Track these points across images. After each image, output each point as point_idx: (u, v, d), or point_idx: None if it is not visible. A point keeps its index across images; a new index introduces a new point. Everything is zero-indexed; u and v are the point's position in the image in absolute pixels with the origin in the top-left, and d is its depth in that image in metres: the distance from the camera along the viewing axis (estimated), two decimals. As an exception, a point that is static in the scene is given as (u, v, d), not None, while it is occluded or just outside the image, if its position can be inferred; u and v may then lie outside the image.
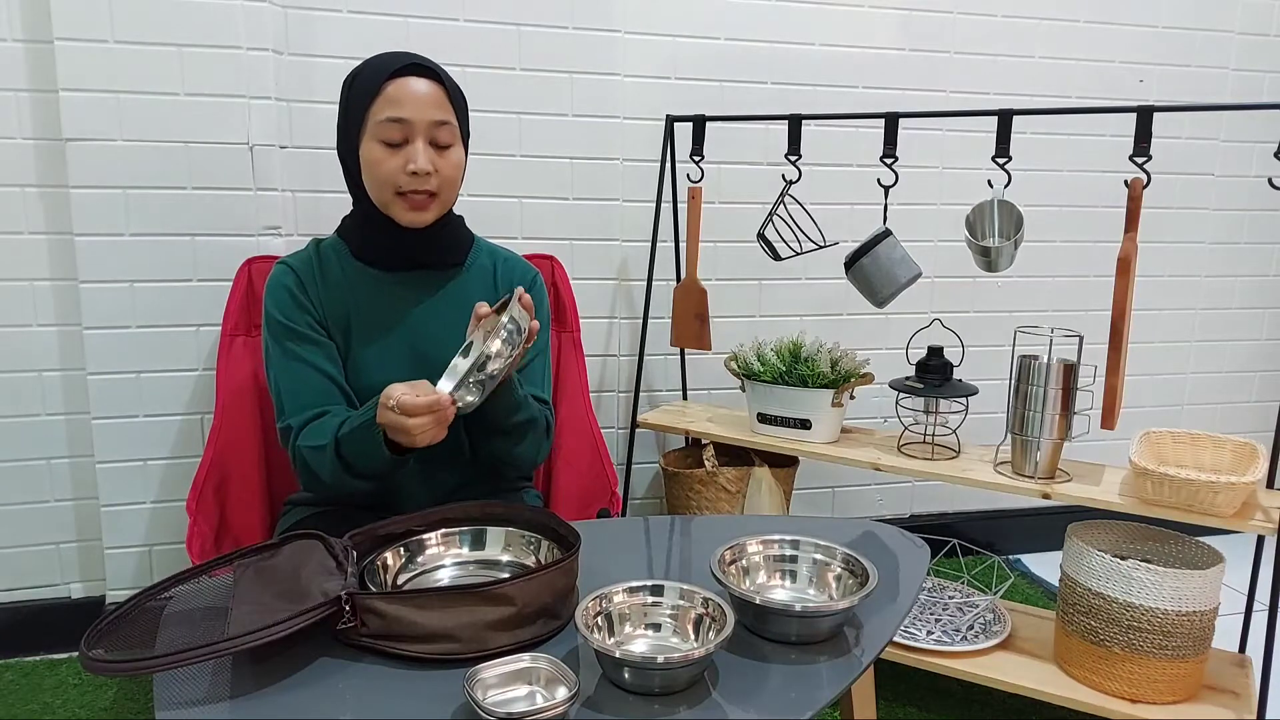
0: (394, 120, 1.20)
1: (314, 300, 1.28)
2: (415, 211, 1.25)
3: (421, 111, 1.21)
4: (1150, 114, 1.45)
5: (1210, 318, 2.47)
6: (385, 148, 1.22)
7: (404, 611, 0.89)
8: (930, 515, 2.41)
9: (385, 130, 1.21)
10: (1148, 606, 1.44)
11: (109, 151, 1.67)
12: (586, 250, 2.04)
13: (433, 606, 0.89)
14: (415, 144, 1.21)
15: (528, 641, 0.91)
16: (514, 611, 0.90)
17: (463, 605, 0.89)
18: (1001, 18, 2.17)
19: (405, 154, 1.21)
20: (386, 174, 1.22)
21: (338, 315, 1.29)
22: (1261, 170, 2.40)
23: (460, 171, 1.28)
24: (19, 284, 1.76)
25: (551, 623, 0.94)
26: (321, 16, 1.79)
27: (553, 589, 0.93)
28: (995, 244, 1.57)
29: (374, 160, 1.22)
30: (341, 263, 1.31)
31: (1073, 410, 1.55)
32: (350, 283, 1.30)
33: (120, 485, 1.79)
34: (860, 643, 0.96)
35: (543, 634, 0.93)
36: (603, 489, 1.63)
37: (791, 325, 2.20)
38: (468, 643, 0.89)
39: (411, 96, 1.20)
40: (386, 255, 1.30)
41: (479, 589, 0.89)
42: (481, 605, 0.89)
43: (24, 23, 1.67)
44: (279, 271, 1.30)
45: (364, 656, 0.91)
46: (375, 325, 1.29)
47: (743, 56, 2.06)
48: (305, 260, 1.31)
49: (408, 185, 1.22)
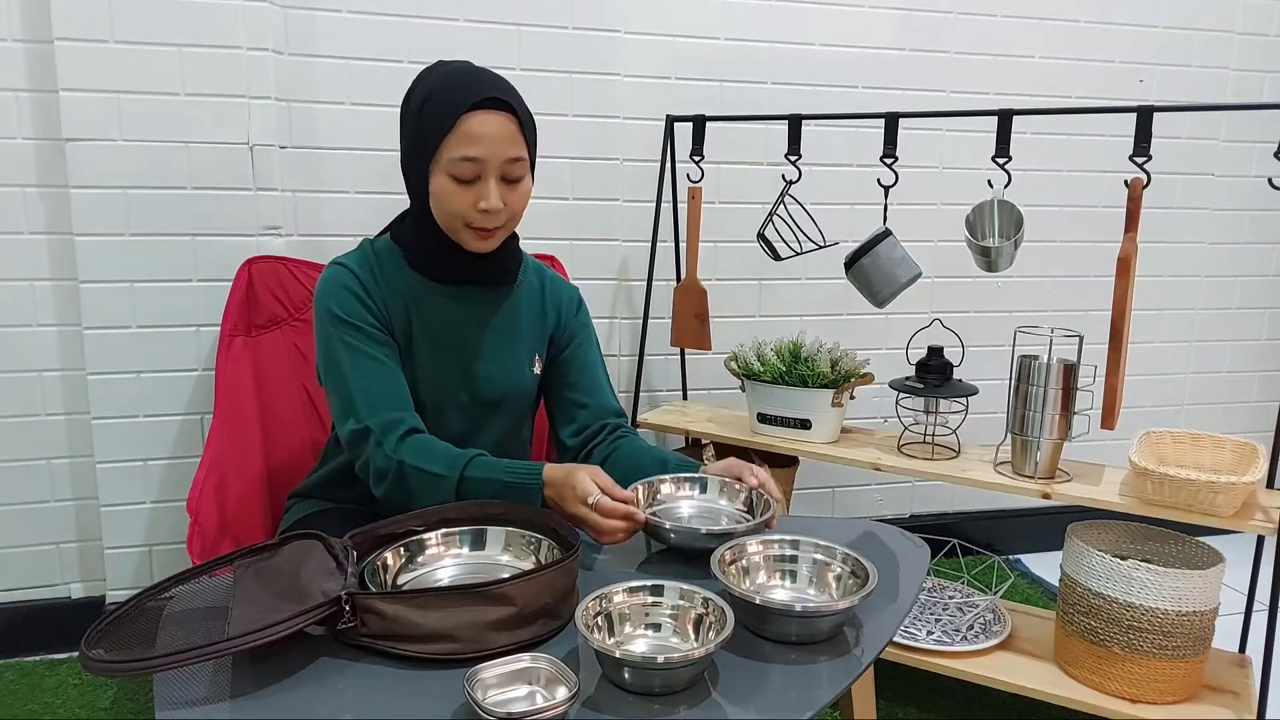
0: (469, 159, 1.17)
1: (376, 302, 1.25)
2: (482, 241, 1.23)
3: (497, 150, 1.18)
4: (1150, 114, 1.45)
5: (1210, 318, 2.47)
6: (457, 184, 1.18)
7: (404, 611, 0.89)
8: (930, 515, 2.41)
9: (459, 168, 1.17)
10: (1148, 606, 1.44)
11: (109, 151, 1.67)
12: (586, 250, 2.04)
13: (433, 607, 0.89)
14: (488, 182, 1.18)
15: (527, 642, 0.91)
16: (514, 612, 0.90)
17: (463, 605, 0.89)
18: (1001, 18, 2.17)
19: (477, 191, 1.19)
20: (458, 209, 1.20)
21: (398, 321, 1.27)
22: (1261, 170, 2.39)
23: (527, 201, 1.26)
24: (19, 284, 1.76)
25: (551, 623, 0.94)
26: (321, 16, 1.79)
27: (553, 589, 0.93)
28: (995, 244, 1.57)
29: (446, 194, 1.20)
30: (397, 268, 1.29)
31: (1073, 410, 1.55)
32: (404, 290, 1.28)
33: (120, 485, 1.79)
34: (860, 643, 0.96)
35: (542, 634, 0.93)
36: (603, 489, 1.63)
37: (791, 325, 2.20)
38: (468, 643, 0.89)
39: (489, 135, 1.17)
40: (444, 270, 1.28)
41: (479, 589, 0.89)
42: (482, 605, 0.89)
43: (24, 23, 1.67)
44: (336, 272, 1.26)
45: (364, 656, 0.90)
46: (428, 337, 1.28)
47: (743, 56, 2.06)
48: (363, 261, 1.27)
49: (479, 222, 1.20)
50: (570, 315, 1.40)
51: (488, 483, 1.15)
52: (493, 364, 1.30)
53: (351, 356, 1.22)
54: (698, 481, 1.23)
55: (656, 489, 1.21)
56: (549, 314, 1.38)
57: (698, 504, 1.22)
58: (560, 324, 1.39)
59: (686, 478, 1.23)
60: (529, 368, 1.35)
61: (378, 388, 1.21)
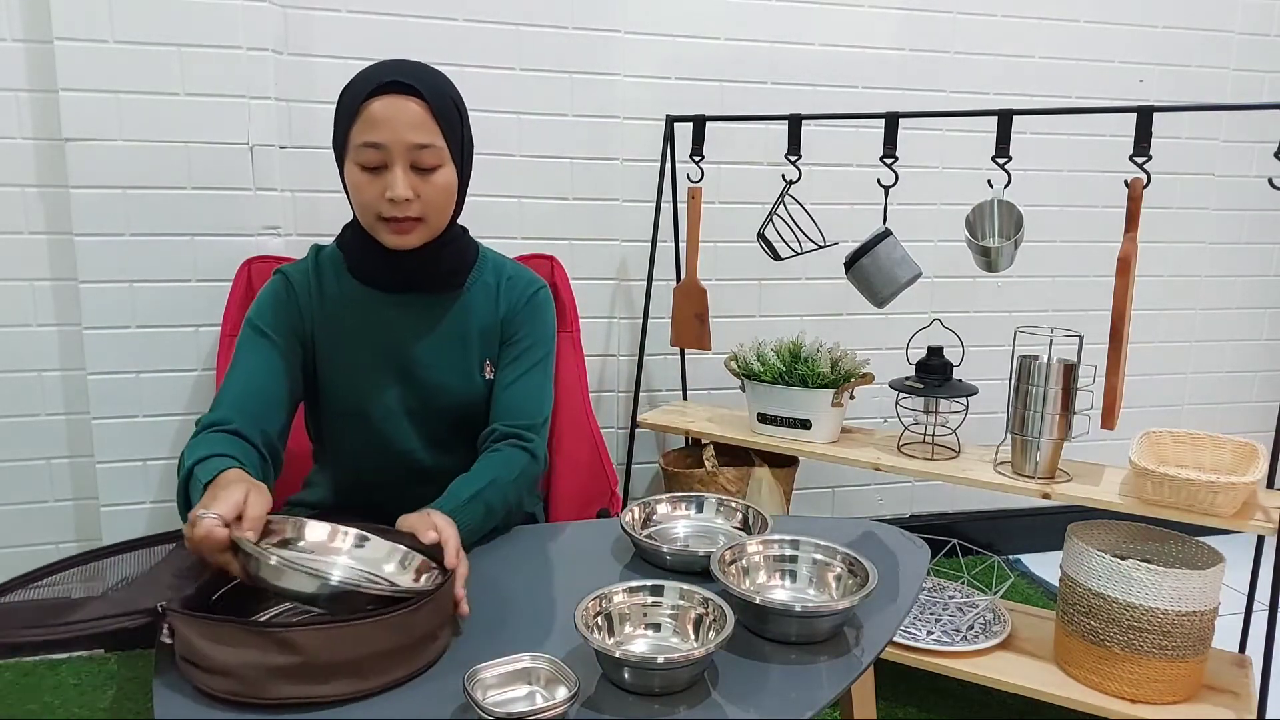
0: (371, 145, 1.13)
1: (305, 313, 1.23)
2: (399, 236, 1.18)
3: (399, 134, 1.13)
4: (1150, 114, 1.45)
5: (1210, 318, 2.47)
6: (365, 172, 1.15)
7: (194, 636, 0.81)
8: (930, 515, 2.41)
9: (363, 155, 1.14)
10: (1148, 606, 1.44)
11: (109, 151, 1.67)
12: (586, 250, 2.04)
13: (223, 639, 0.80)
14: (394, 170, 1.13)
15: (318, 699, 0.81)
16: (299, 662, 0.80)
17: (244, 645, 0.80)
18: (1001, 18, 2.17)
19: (384, 180, 1.14)
20: (367, 200, 1.16)
21: (329, 331, 1.24)
22: (1261, 170, 2.40)
23: (449, 194, 1.19)
24: (19, 284, 1.76)
25: (357, 683, 0.82)
26: (321, 16, 1.79)
27: (356, 643, 0.81)
28: (995, 244, 1.57)
29: (355, 185, 1.16)
30: (339, 278, 1.26)
31: (1073, 410, 1.55)
32: (345, 299, 1.25)
33: (120, 485, 1.79)
34: (860, 643, 0.96)
35: (345, 695, 0.82)
36: (603, 489, 1.63)
37: (791, 325, 2.20)
38: (249, 685, 0.80)
39: (387, 119, 1.12)
40: (381, 276, 1.24)
41: (262, 627, 0.81)
42: (263, 646, 0.80)
43: (24, 23, 1.67)
44: (274, 280, 1.25)
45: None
46: (366, 346, 1.25)
47: (743, 56, 2.06)
48: (302, 272, 1.26)
49: (388, 211, 1.15)
50: (520, 306, 1.31)
51: (181, 490, 1.07)
52: (440, 373, 1.26)
53: (237, 360, 1.20)
54: (693, 501, 1.23)
55: (653, 509, 1.22)
56: (501, 308, 1.30)
57: (694, 524, 1.22)
58: (509, 314, 1.31)
59: (683, 496, 1.25)
60: (478, 374, 1.29)
61: (234, 389, 1.18)
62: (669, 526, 1.21)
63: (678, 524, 1.21)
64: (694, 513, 1.23)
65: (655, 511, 1.22)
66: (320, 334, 1.25)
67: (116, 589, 0.92)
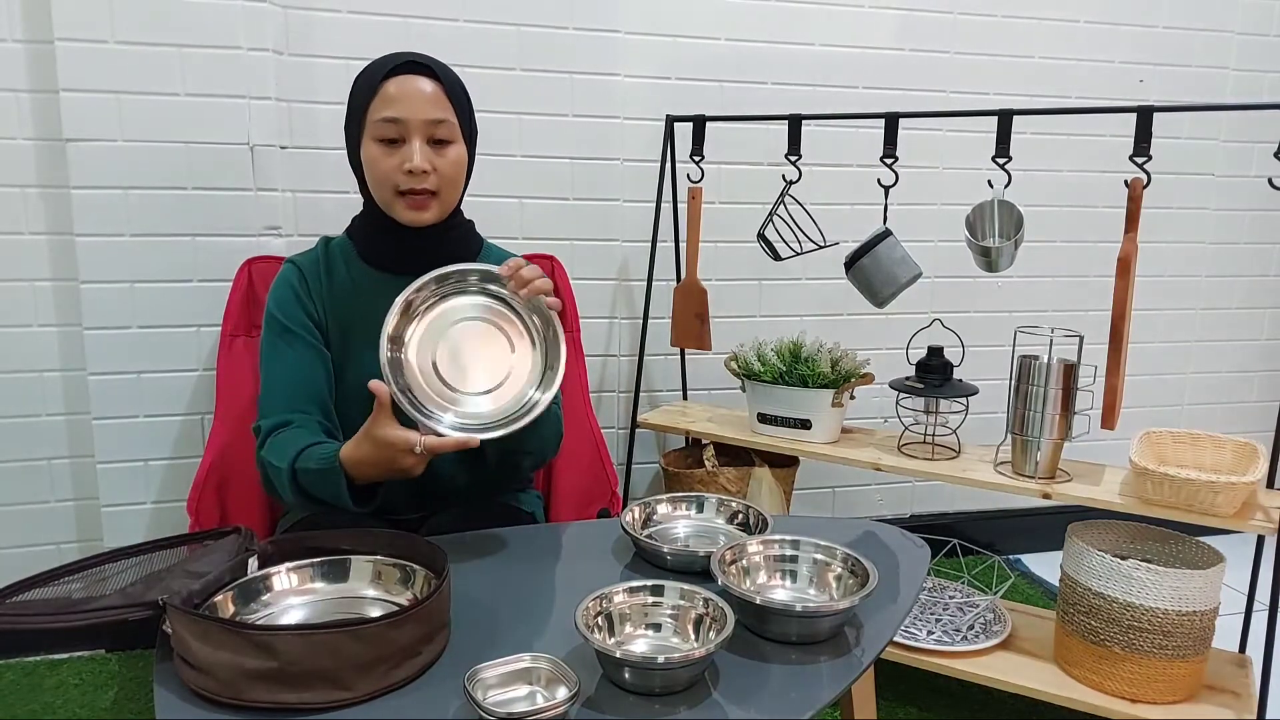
0: (390, 120, 1.21)
1: (316, 301, 1.28)
2: (415, 211, 1.24)
3: (417, 110, 1.21)
4: (1150, 114, 1.45)
5: (1210, 318, 2.47)
6: (383, 146, 1.22)
7: (185, 632, 0.82)
8: (930, 515, 2.41)
9: (382, 129, 1.21)
10: (1148, 606, 1.44)
11: (109, 151, 1.67)
12: (586, 250, 2.04)
13: (209, 638, 0.80)
14: (412, 143, 1.21)
15: (294, 706, 0.80)
16: (275, 667, 0.79)
17: (225, 645, 0.79)
18: (1001, 18, 2.17)
19: (402, 153, 1.22)
20: (385, 173, 1.23)
21: (340, 318, 1.29)
22: (1261, 170, 2.40)
23: (461, 170, 1.27)
24: (19, 284, 1.76)
25: (337, 692, 0.81)
26: (321, 16, 1.79)
27: (334, 652, 0.80)
28: (995, 244, 1.57)
29: (372, 159, 1.23)
30: (348, 264, 1.31)
31: (1073, 410, 1.55)
32: (355, 285, 1.30)
33: (121, 486, 1.79)
34: (860, 643, 0.96)
35: (324, 703, 0.80)
36: (603, 489, 1.63)
37: (791, 325, 2.20)
38: (226, 685, 0.80)
39: (407, 95, 1.21)
40: (392, 258, 1.30)
41: (246, 629, 0.81)
42: (239, 647, 0.79)
43: (24, 23, 1.67)
44: (285, 270, 1.31)
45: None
46: (376, 329, 1.24)
47: (743, 56, 2.06)
48: (312, 260, 1.32)
49: (406, 184, 1.22)
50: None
51: (308, 473, 1.14)
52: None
53: (270, 354, 1.26)
54: (693, 501, 1.24)
55: (653, 509, 1.22)
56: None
57: (694, 524, 1.22)
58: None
59: (682, 497, 1.24)
60: None
61: (278, 388, 1.24)
62: (669, 526, 1.21)
63: (678, 524, 1.22)
64: (694, 513, 1.23)
65: (655, 511, 1.22)
66: (331, 320, 1.29)
67: (121, 589, 0.93)
